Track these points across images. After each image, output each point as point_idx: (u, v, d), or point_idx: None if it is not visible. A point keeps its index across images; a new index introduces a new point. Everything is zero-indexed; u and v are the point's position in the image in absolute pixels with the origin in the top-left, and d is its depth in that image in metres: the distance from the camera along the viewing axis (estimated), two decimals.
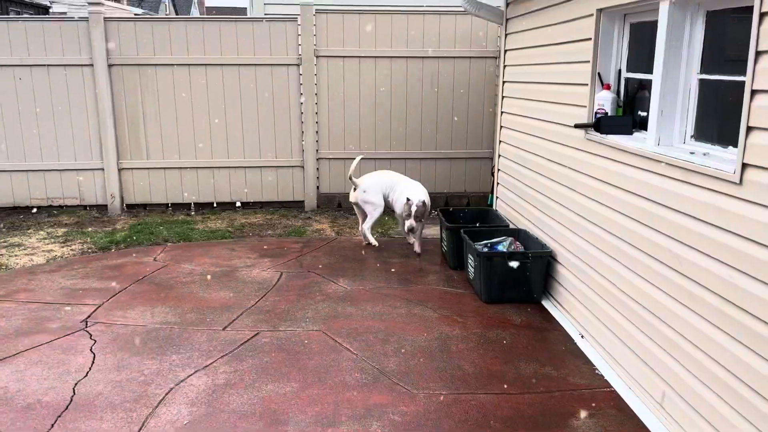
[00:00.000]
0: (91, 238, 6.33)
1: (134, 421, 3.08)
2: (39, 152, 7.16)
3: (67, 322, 4.27)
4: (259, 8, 8.52)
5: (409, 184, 5.95)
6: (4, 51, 6.91)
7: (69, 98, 7.08)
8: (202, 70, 7.15)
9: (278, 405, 3.25)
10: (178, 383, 3.46)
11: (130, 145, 7.27)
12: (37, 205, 7.30)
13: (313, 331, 4.16)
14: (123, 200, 7.40)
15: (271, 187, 7.55)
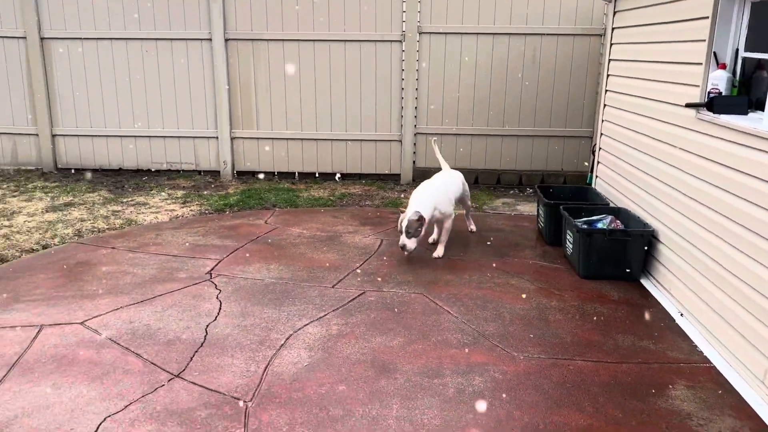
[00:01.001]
0: (207, 201, 6.86)
1: (260, 360, 3.46)
2: (161, 119, 7.79)
3: (194, 273, 4.75)
4: None
5: (419, 190, 5.20)
6: (133, 25, 7.52)
7: (189, 70, 7.63)
8: (310, 45, 7.50)
9: (387, 356, 3.54)
10: (295, 331, 3.82)
11: (242, 115, 7.76)
12: (157, 169, 7.96)
13: (415, 293, 4.42)
14: (234, 167, 7.93)
15: (369, 160, 7.86)
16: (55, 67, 7.66)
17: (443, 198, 5.19)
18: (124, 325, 3.85)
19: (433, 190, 5.17)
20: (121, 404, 3.02)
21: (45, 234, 5.62)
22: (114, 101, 7.73)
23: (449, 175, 5.56)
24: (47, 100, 7.73)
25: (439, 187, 5.24)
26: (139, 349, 3.56)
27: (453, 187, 5.42)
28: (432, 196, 5.09)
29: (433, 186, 5.25)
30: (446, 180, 5.44)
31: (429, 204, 5.03)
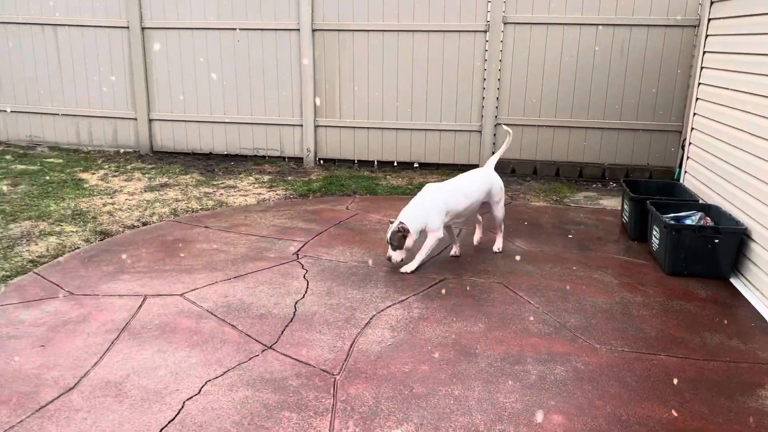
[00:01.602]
0: (292, 186, 7.12)
1: (346, 337, 3.62)
2: (249, 107, 8.12)
3: (282, 253, 4.97)
4: None
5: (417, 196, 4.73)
6: (227, 15, 7.86)
7: (277, 60, 7.91)
8: (394, 36, 7.61)
9: (467, 340, 3.62)
10: (379, 312, 3.96)
11: (326, 104, 7.98)
12: (245, 154, 8.31)
13: (495, 282, 4.47)
14: (317, 154, 8.18)
15: (448, 150, 7.91)
16: (153, 56, 8.12)
17: (435, 211, 4.56)
18: (219, 298, 4.11)
19: (428, 201, 4.59)
20: (220, 370, 3.25)
21: (144, 212, 6.01)
22: (206, 89, 8.12)
23: (473, 179, 4.84)
24: (146, 87, 8.21)
25: (438, 197, 4.61)
26: (235, 321, 3.79)
27: (460, 197, 4.67)
28: (424, 207, 4.56)
29: (431, 194, 4.63)
30: (460, 184, 4.75)
31: (418, 215, 4.53)
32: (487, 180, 4.93)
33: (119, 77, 8.27)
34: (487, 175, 4.96)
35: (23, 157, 8.04)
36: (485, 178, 4.93)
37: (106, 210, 6.02)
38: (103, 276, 4.44)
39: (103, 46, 8.18)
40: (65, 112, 8.50)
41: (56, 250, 4.94)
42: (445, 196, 4.65)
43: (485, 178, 4.93)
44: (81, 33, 8.18)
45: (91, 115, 8.46)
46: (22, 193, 6.45)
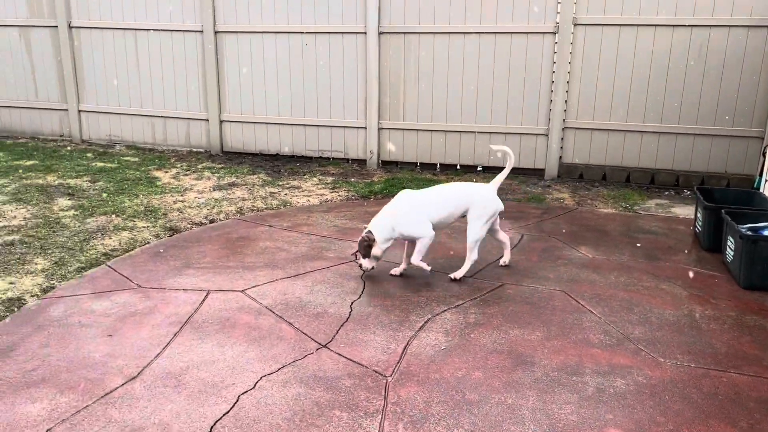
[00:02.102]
0: (354, 187, 7.19)
1: (400, 340, 3.61)
2: (315, 109, 8.25)
3: (341, 253, 5.02)
4: None
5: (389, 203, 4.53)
6: (295, 19, 8.02)
7: (343, 63, 8.00)
8: (460, 38, 7.56)
9: (524, 348, 3.54)
10: (434, 315, 3.93)
11: (390, 107, 8.01)
12: (310, 155, 8.45)
13: (555, 290, 4.35)
14: (379, 156, 8.22)
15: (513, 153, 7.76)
16: (225, 59, 8.39)
17: (407, 218, 4.36)
18: (279, 296, 4.19)
19: (396, 209, 4.40)
20: (275, 366, 3.31)
21: (212, 210, 6.21)
22: (275, 91, 8.32)
23: (451, 191, 4.53)
24: (217, 89, 8.49)
25: (410, 204, 4.42)
26: (291, 318, 3.86)
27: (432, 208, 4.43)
28: (392, 216, 4.38)
29: (403, 202, 4.44)
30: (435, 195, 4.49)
31: (386, 224, 4.37)
32: (468, 195, 4.50)
33: (193, 79, 8.58)
34: (470, 192, 4.52)
35: (102, 155, 8.47)
36: (465, 194, 4.51)
37: (176, 207, 6.25)
38: (170, 270, 4.61)
39: (179, 50, 8.51)
40: (142, 112, 8.90)
41: (128, 245, 5.17)
42: (419, 204, 4.43)
43: (465, 194, 4.51)
44: (158, 37, 8.54)
45: (165, 116, 8.82)
46: (99, 189, 6.79)
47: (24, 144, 8.96)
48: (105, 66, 8.86)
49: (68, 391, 3.06)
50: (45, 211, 5.94)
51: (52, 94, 9.19)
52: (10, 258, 4.79)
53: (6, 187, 6.72)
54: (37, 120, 9.37)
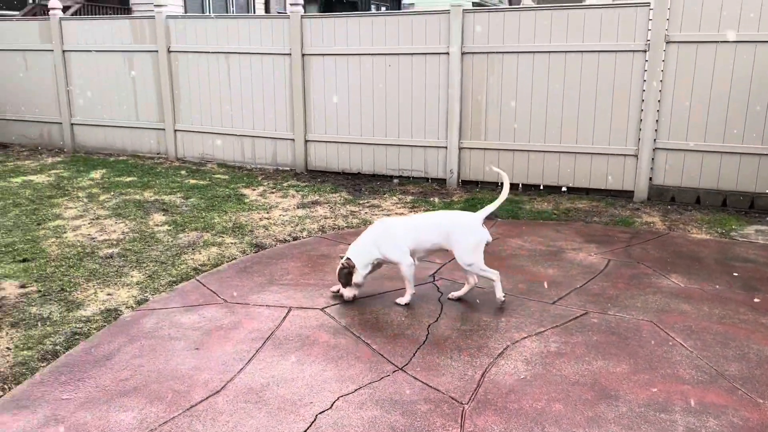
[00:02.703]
0: (433, 207, 7.18)
1: (478, 366, 3.56)
2: (397, 129, 8.33)
3: (419, 274, 4.98)
4: None
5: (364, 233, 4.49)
6: (379, 41, 8.16)
7: (425, 83, 8.05)
8: (545, 57, 7.44)
9: (608, 381, 3.39)
10: (513, 342, 3.84)
11: (471, 126, 7.97)
12: (391, 174, 8.54)
13: (643, 320, 4.16)
14: (459, 176, 8.18)
15: (599, 175, 7.54)
16: (311, 80, 8.64)
17: (388, 241, 4.31)
18: (357, 315, 4.23)
19: (376, 233, 4.37)
20: (352, 387, 3.34)
21: (296, 227, 6.38)
22: (358, 111, 8.47)
23: (431, 220, 4.45)
24: (303, 109, 8.75)
25: (389, 230, 4.37)
26: (369, 338, 3.89)
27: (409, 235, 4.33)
28: (372, 241, 4.35)
29: (381, 228, 4.40)
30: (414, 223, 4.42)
31: (365, 250, 4.33)
32: (449, 224, 4.35)
33: (280, 100, 8.89)
34: (453, 220, 4.38)
35: (195, 172, 8.90)
36: (447, 223, 4.36)
37: (262, 224, 6.47)
38: (255, 286, 4.76)
39: (268, 72, 8.85)
40: (232, 132, 9.29)
41: (216, 260, 5.39)
42: (395, 229, 4.37)
43: (447, 223, 4.36)
44: (249, 60, 8.92)
45: (254, 135, 9.17)
46: (191, 205, 7.14)
47: (125, 161, 9.56)
48: (199, 88, 9.33)
49: (157, 402, 3.21)
50: (141, 226, 6.30)
51: (151, 115, 9.77)
52: (108, 270, 5.11)
53: (108, 202, 7.19)
54: (137, 138, 9.98)
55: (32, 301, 4.48)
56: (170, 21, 9.29)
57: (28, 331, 4.03)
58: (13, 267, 5.12)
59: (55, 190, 7.71)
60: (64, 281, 4.85)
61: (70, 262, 5.26)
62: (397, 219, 4.53)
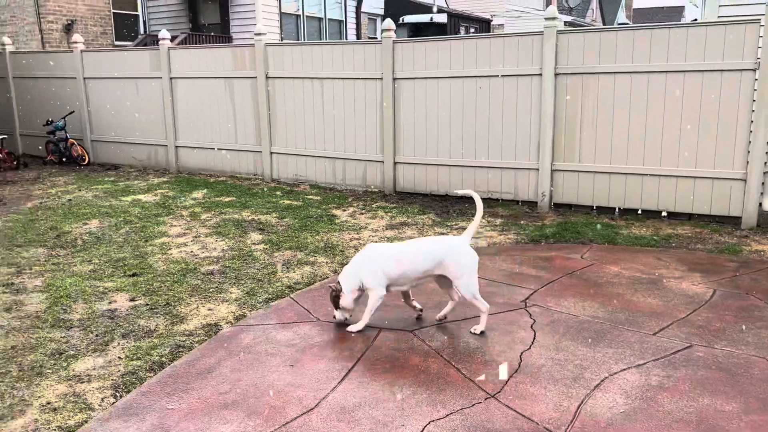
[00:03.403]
0: (523, 230, 7.06)
1: (573, 398, 3.44)
2: (486, 151, 8.29)
3: (509, 299, 4.94)
4: (713, 10, 8.04)
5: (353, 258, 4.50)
6: (470, 64, 8.18)
7: (516, 105, 7.98)
8: (644, 77, 7.19)
9: (716, 421, 3.19)
10: (611, 374, 3.70)
11: (564, 148, 7.80)
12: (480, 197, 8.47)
13: (755, 357, 3.89)
14: (551, 199, 8.01)
15: (703, 199, 7.15)
16: (402, 103, 8.76)
17: (369, 271, 4.28)
18: (446, 339, 4.21)
19: (361, 258, 4.36)
20: (443, 412, 3.32)
21: None
22: (447, 133, 8.50)
23: (420, 246, 4.39)
24: (393, 132, 8.88)
25: (372, 257, 4.32)
26: (459, 364, 3.86)
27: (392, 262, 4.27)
28: (357, 267, 4.34)
29: (367, 254, 4.36)
30: (402, 249, 4.37)
31: (351, 274, 4.33)
32: (440, 250, 4.28)
33: (371, 123, 9.07)
34: (443, 246, 4.33)
35: (289, 193, 9.21)
36: (437, 248, 4.31)
37: (352, 244, 6.59)
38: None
39: (360, 96, 9.06)
40: (324, 154, 9.56)
41: (309, 279, 5.54)
42: (379, 257, 4.30)
43: (437, 248, 4.31)
44: (342, 84, 9.18)
45: (345, 158, 9.40)
46: (286, 225, 7.38)
47: (224, 182, 10.05)
48: (294, 112, 9.69)
49: (254, 416, 3.33)
50: (240, 244, 6.58)
51: (249, 138, 10.23)
52: (210, 286, 5.36)
53: (209, 221, 7.57)
54: (236, 160, 10.47)
55: (141, 314, 4.77)
56: (269, 48, 9.73)
57: (137, 342, 4.29)
58: (124, 281, 5.49)
59: (161, 209, 8.21)
60: (169, 296, 5.14)
61: (174, 277, 5.57)
62: (385, 246, 4.50)
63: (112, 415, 3.39)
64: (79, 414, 3.42)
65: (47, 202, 8.68)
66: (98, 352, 4.15)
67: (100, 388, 3.69)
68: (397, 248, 4.43)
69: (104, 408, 3.48)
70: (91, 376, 3.83)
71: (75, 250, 6.41)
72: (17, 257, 6.20)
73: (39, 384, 3.73)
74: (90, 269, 5.81)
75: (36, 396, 3.60)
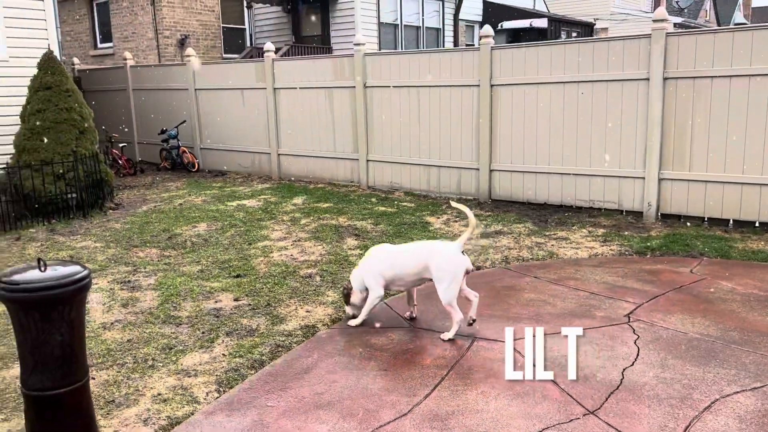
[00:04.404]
0: (628, 241, 6.75)
1: (680, 419, 3.25)
2: (588, 159, 8.01)
3: (611, 313, 4.74)
4: None
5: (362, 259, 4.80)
6: (572, 69, 7.95)
7: (621, 111, 7.66)
8: (764, 81, 6.69)
9: None
10: (723, 396, 3.46)
11: (673, 156, 7.39)
12: (580, 206, 8.20)
13: None
14: (658, 209, 7.61)
15: None
16: (499, 110, 8.65)
17: (370, 273, 4.55)
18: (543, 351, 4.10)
19: (365, 259, 4.68)
20: (539, 426, 3.24)
21: (479, 257, 6.38)
22: (546, 140, 8.30)
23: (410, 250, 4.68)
24: (489, 139, 8.78)
25: (373, 259, 4.60)
26: (557, 378, 3.74)
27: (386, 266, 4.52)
28: (363, 267, 4.64)
29: (370, 256, 4.67)
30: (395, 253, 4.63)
31: (358, 275, 4.64)
32: (427, 254, 4.43)
33: (466, 130, 9.01)
34: (431, 250, 4.47)
35: (384, 200, 9.33)
36: (424, 252, 4.47)
37: None
38: (439, 314, 4.83)
39: (456, 104, 9.04)
40: (419, 162, 9.61)
41: None
42: (378, 260, 4.59)
43: (424, 252, 4.47)
44: (438, 92, 9.19)
45: (439, 165, 9.39)
46: (381, 231, 7.48)
47: (322, 188, 10.33)
48: (391, 120, 9.81)
49: (349, 418, 3.39)
50: (336, 249, 6.74)
51: (347, 146, 10.47)
52: (308, 289, 5.53)
53: (308, 226, 7.81)
54: (334, 168, 10.74)
55: (243, 313, 5.00)
56: (367, 58, 9.93)
57: (240, 340, 4.50)
58: (228, 281, 5.77)
59: (263, 214, 8.56)
60: (270, 297, 5.34)
61: (275, 279, 5.79)
62: (387, 247, 4.78)
63: (216, 409, 3.57)
64: (186, 406, 3.62)
65: (160, 206, 9.29)
66: (204, 348, 4.38)
67: (206, 382, 3.89)
68: (394, 249, 4.74)
69: (209, 402, 3.67)
70: (197, 370, 4.05)
71: (185, 251, 6.82)
72: (133, 257, 6.67)
73: (151, 376, 4.00)
74: (198, 269, 6.15)
75: (148, 387, 3.86)
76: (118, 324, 4.84)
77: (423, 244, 4.87)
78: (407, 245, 4.94)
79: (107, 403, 3.66)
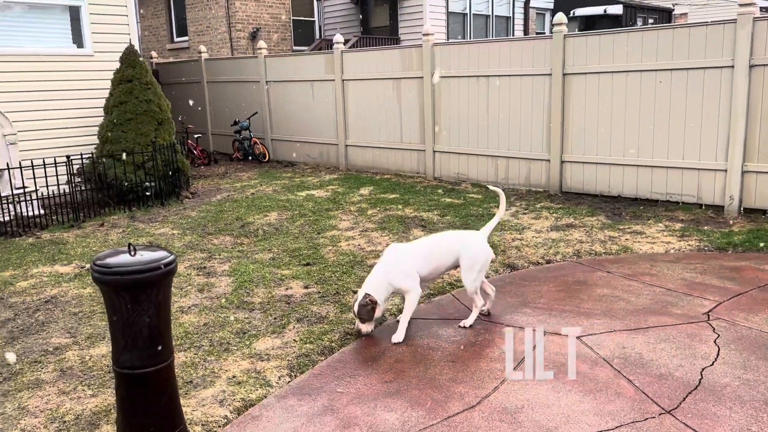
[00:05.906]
0: (707, 237, 6.46)
1: (764, 422, 3.10)
2: (665, 150, 7.70)
3: (689, 311, 4.55)
4: None
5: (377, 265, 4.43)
6: (649, 57, 7.64)
7: (703, 100, 7.32)
8: None
9: None
10: None
11: (759, 148, 7.01)
12: (656, 199, 7.90)
13: None
14: (741, 203, 7.24)
15: None
16: (572, 99, 8.43)
17: (398, 270, 4.29)
18: (616, 348, 4.00)
19: (387, 263, 4.34)
20: (612, 424, 3.16)
21: (548, 250, 6.26)
22: (621, 131, 8.03)
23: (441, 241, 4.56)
24: (561, 130, 8.57)
25: (401, 258, 4.36)
26: (631, 375, 3.64)
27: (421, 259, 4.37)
28: (382, 272, 4.30)
29: (394, 256, 4.37)
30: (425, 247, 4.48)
31: (382, 282, 4.26)
32: (458, 244, 4.44)
33: (537, 121, 8.83)
34: (460, 240, 4.48)
35: (450, 191, 9.28)
36: (456, 242, 4.47)
37: (514, 245, 6.48)
38: (508, 307, 4.79)
39: (526, 93, 8.87)
40: (486, 153, 9.49)
41: None
42: (409, 257, 4.37)
43: (456, 242, 4.47)
44: (508, 82, 9.04)
45: (508, 156, 9.25)
46: (447, 223, 7.45)
47: (388, 179, 10.38)
48: (459, 110, 9.73)
49: (417, 407, 3.41)
50: (402, 240, 6.76)
51: (413, 137, 10.46)
52: None
53: (374, 216, 7.87)
54: (400, 159, 10.77)
55: (313, 301, 5.10)
56: (435, 48, 9.87)
57: (310, 327, 4.60)
58: (299, 269, 5.90)
59: (331, 204, 8.69)
60: (339, 285, 5.43)
61: (343, 268, 5.87)
62: (408, 245, 4.55)
63: (288, 393, 3.67)
64: (259, 389, 3.74)
65: (233, 195, 9.58)
66: (276, 333, 4.50)
67: (278, 366, 4.00)
68: (419, 245, 4.55)
69: (281, 386, 3.78)
70: (270, 355, 4.17)
71: (257, 240, 7.02)
72: (208, 244, 6.92)
73: (226, 359, 4.15)
74: (270, 257, 6.32)
75: (224, 369, 4.01)
76: (194, 308, 5.05)
77: (450, 235, 4.75)
78: (427, 239, 4.67)
79: (185, 384, 3.83)
